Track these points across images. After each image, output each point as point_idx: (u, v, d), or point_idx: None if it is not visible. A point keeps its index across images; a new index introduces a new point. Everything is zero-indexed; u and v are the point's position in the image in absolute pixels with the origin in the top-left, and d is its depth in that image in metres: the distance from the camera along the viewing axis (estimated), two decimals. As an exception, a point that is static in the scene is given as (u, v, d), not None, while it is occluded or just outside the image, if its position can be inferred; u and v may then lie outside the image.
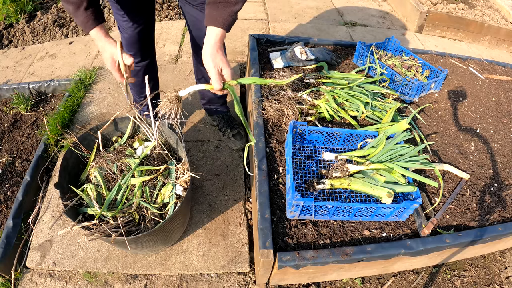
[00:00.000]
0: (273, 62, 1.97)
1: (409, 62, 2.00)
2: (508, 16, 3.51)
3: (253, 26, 3.22)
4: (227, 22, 1.12)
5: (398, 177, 1.32)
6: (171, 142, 1.54)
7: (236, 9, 1.12)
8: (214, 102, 1.96)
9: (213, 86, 1.17)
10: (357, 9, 3.74)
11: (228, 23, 1.13)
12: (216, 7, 1.11)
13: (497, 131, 1.80)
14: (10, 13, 3.24)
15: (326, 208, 1.25)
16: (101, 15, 1.18)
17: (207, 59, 1.14)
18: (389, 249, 1.22)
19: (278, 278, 1.35)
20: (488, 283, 1.58)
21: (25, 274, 1.50)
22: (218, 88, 1.16)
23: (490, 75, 2.17)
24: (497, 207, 1.45)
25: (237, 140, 1.96)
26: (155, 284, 1.49)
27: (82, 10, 1.11)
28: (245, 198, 1.77)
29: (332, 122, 1.69)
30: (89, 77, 2.43)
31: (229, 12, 1.11)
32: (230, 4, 1.10)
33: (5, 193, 1.76)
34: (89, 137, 1.47)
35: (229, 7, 1.10)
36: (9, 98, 2.35)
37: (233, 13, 1.12)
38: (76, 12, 1.12)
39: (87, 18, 1.13)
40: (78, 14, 1.12)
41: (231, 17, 1.12)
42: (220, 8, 1.11)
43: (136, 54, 1.63)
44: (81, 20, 1.13)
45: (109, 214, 1.24)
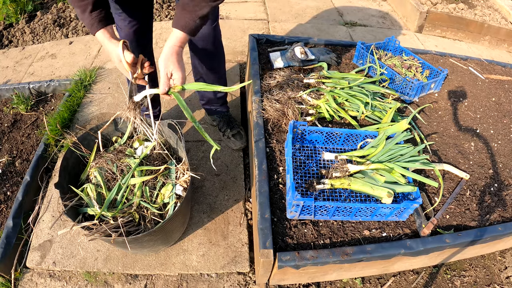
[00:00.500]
0: (273, 62, 1.97)
1: (409, 62, 2.00)
2: (508, 16, 3.51)
3: (253, 26, 3.22)
4: (189, 26, 1.10)
5: (398, 177, 1.32)
6: (171, 142, 1.54)
7: (201, 13, 1.09)
8: (214, 103, 1.96)
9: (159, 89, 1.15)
10: (357, 9, 3.73)
11: (190, 27, 1.10)
12: (182, 9, 1.09)
13: (497, 131, 1.80)
14: (10, 13, 3.24)
15: (326, 208, 1.25)
16: (108, 17, 1.17)
17: (160, 61, 1.13)
18: (389, 249, 1.22)
19: (278, 278, 1.35)
20: (488, 283, 1.58)
21: (25, 274, 1.50)
22: (161, 92, 1.15)
23: (490, 75, 2.17)
24: (497, 207, 1.45)
25: (237, 140, 1.96)
26: (155, 284, 1.49)
27: (88, 13, 1.12)
28: (245, 198, 1.77)
29: (332, 122, 1.69)
30: (89, 77, 2.43)
31: (193, 17, 1.09)
32: (195, 9, 1.08)
33: (5, 193, 1.76)
34: (89, 137, 1.47)
35: (194, 11, 1.08)
36: (9, 98, 2.35)
37: (197, 18, 1.09)
38: (82, 15, 1.13)
39: (92, 21, 1.13)
40: (85, 17, 1.13)
41: (194, 21, 1.10)
42: (185, 11, 1.09)
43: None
44: (87, 23, 1.14)
45: (109, 214, 1.24)
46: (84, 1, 1.10)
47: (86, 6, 1.11)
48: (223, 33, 1.69)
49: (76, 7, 1.13)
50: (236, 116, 2.18)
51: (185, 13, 1.09)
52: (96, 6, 1.12)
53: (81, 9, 1.11)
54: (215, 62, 1.72)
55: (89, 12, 1.11)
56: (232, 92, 2.37)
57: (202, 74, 1.77)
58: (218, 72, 1.80)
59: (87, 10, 1.11)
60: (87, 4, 1.11)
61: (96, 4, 1.12)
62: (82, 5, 1.11)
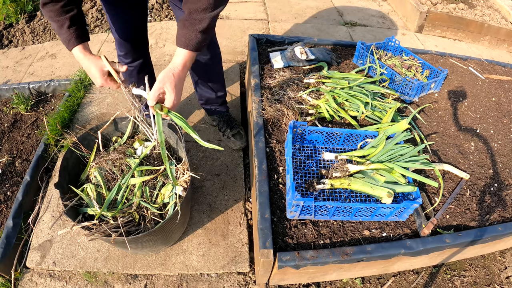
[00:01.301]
0: (273, 62, 1.97)
1: (409, 62, 2.00)
2: (508, 16, 3.51)
3: (253, 26, 3.22)
4: (192, 42, 1.07)
5: (398, 177, 1.32)
6: (171, 142, 1.54)
7: (201, 27, 1.06)
8: (213, 102, 1.96)
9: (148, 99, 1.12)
10: (357, 9, 3.73)
11: (193, 43, 1.07)
12: (182, 26, 1.07)
13: (497, 131, 1.80)
14: (10, 13, 3.24)
15: (326, 208, 1.25)
16: (85, 34, 1.16)
17: (159, 75, 1.10)
18: (389, 249, 1.22)
19: (278, 278, 1.35)
20: (488, 283, 1.58)
21: (25, 274, 1.50)
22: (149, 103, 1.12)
23: (490, 75, 2.17)
24: (497, 207, 1.45)
25: (237, 140, 1.96)
26: (155, 284, 1.49)
27: (65, 28, 1.11)
28: (245, 198, 1.77)
29: (332, 122, 1.69)
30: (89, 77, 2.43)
31: (194, 32, 1.06)
32: (194, 23, 1.05)
33: (5, 193, 1.76)
34: (89, 137, 1.47)
35: (193, 26, 1.05)
36: (9, 98, 2.35)
37: (198, 33, 1.06)
38: (60, 30, 1.12)
39: (69, 36, 1.13)
40: (62, 32, 1.12)
41: (196, 37, 1.07)
42: (185, 28, 1.07)
43: (128, 54, 1.62)
44: (64, 38, 1.13)
45: (109, 214, 1.24)
46: (62, 16, 1.10)
47: (64, 22, 1.11)
48: (223, 33, 1.69)
49: (53, 22, 1.12)
50: (236, 116, 2.18)
51: (185, 30, 1.07)
52: (73, 22, 1.12)
53: (58, 24, 1.11)
54: (211, 63, 1.72)
55: (66, 27, 1.11)
56: (232, 92, 2.37)
57: (198, 75, 1.77)
58: (215, 72, 1.80)
59: (64, 25, 1.11)
60: (64, 19, 1.10)
61: (73, 20, 1.12)
62: (59, 20, 1.10)
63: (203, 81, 1.80)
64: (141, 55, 1.70)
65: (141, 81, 1.75)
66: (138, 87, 1.64)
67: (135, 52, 1.64)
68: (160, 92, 1.09)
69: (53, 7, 1.09)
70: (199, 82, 1.82)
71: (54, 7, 1.09)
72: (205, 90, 1.87)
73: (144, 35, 1.66)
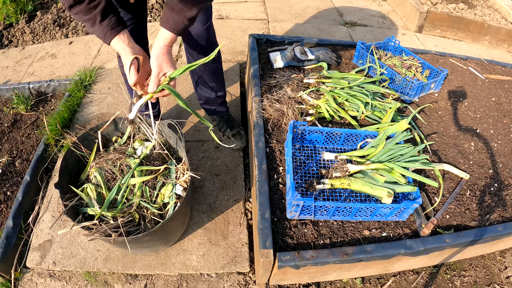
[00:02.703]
0: (273, 62, 1.97)
1: (409, 62, 2.00)
2: (508, 16, 3.51)
3: (253, 26, 3.22)
4: (178, 27, 1.11)
5: (398, 177, 1.32)
6: (171, 142, 1.54)
7: (190, 15, 1.10)
8: (213, 103, 1.96)
9: (148, 87, 1.15)
10: (357, 9, 3.73)
11: (179, 28, 1.12)
12: (171, 10, 1.10)
13: (497, 131, 1.80)
14: (10, 13, 3.24)
15: (326, 208, 1.25)
16: (120, 22, 1.13)
17: (152, 60, 1.14)
18: (389, 249, 1.22)
19: (278, 278, 1.35)
20: (488, 283, 1.58)
21: (25, 274, 1.50)
22: (151, 90, 1.15)
23: (490, 75, 2.17)
24: (497, 207, 1.45)
25: (237, 140, 1.96)
26: (155, 284, 1.49)
27: (98, 24, 1.09)
28: (245, 198, 1.77)
29: (332, 122, 1.69)
30: (89, 77, 2.43)
31: (182, 18, 1.10)
32: (184, 10, 1.09)
33: (5, 193, 1.76)
34: (89, 137, 1.47)
35: (183, 13, 1.09)
36: (9, 98, 2.35)
37: (186, 19, 1.10)
38: (93, 28, 1.10)
39: (104, 30, 1.10)
40: (95, 29, 1.10)
41: (183, 23, 1.11)
42: (174, 12, 1.09)
43: None
44: (99, 34, 1.11)
45: (109, 214, 1.24)
46: (91, 13, 1.07)
47: (95, 18, 1.08)
48: (223, 33, 1.69)
49: (84, 22, 1.09)
50: (236, 116, 2.18)
51: (174, 14, 1.10)
52: (105, 15, 1.09)
53: (90, 22, 1.08)
54: (212, 62, 1.72)
55: (99, 23, 1.08)
56: (232, 92, 2.37)
57: (198, 74, 1.77)
58: (215, 72, 1.80)
59: (96, 21, 1.08)
60: (95, 15, 1.07)
61: (105, 13, 1.09)
62: (90, 17, 1.07)
63: (203, 81, 1.80)
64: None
65: None
66: None
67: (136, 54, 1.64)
68: (159, 77, 1.15)
69: (79, 7, 1.06)
70: (199, 82, 1.82)
71: (81, 7, 1.06)
72: (204, 90, 1.87)
73: (144, 35, 1.66)
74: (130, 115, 1.21)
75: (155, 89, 1.14)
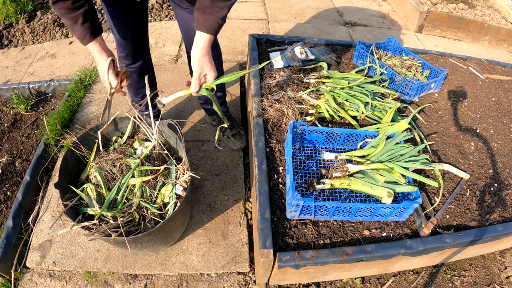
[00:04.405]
0: (273, 62, 1.97)
1: (409, 62, 2.00)
2: (508, 16, 3.51)
3: (253, 26, 3.22)
4: (213, 27, 1.17)
5: (398, 177, 1.32)
6: (171, 142, 1.54)
7: (222, 14, 1.14)
8: (211, 104, 1.96)
9: (190, 88, 1.24)
10: (357, 9, 3.73)
11: (214, 28, 1.17)
12: (203, 12, 1.14)
13: (497, 131, 1.80)
14: (10, 13, 3.24)
15: (326, 208, 1.25)
16: (98, 28, 1.20)
17: (193, 62, 1.21)
18: (389, 249, 1.22)
19: (278, 278, 1.35)
20: (488, 283, 1.58)
21: (25, 274, 1.50)
22: (193, 91, 1.23)
23: (490, 75, 2.17)
24: (497, 207, 1.45)
25: (237, 140, 1.96)
26: (155, 284, 1.49)
27: (79, 24, 1.13)
28: (245, 198, 1.77)
29: (332, 122, 1.69)
30: (89, 77, 2.43)
31: (215, 18, 1.14)
32: (216, 10, 1.13)
33: (5, 193, 1.76)
34: (89, 137, 1.47)
35: (215, 13, 1.13)
36: (9, 98, 2.35)
37: (219, 19, 1.15)
38: (73, 27, 1.14)
39: (84, 32, 1.15)
40: (76, 28, 1.14)
41: (217, 23, 1.16)
42: (207, 14, 1.14)
43: (128, 56, 1.63)
44: (78, 34, 1.16)
45: (109, 214, 1.24)
46: (74, 13, 1.11)
47: (77, 18, 1.12)
48: (223, 33, 1.69)
49: (66, 19, 1.13)
50: (236, 116, 2.18)
51: (206, 16, 1.14)
52: (86, 18, 1.14)
53: (72, 20, 1.13)
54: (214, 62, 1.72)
55: (80, 23, 1.13)
56: (232, 92, 2.37)
57: None
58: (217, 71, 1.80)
59: (78, 21, 1.13)
60: (77, 16, 1.12)
61: (86, 15, 1.14)
62: (73, 16, 1.12)
63: None
64: (142, 56, 1.70)
65: (141, 82, 1.74)
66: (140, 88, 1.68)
67: (136, 53, 1.64)
68: (201, 77, 1.23)
69: (63, 4, 1.10)
70: None
71: (65, 4, 1.10)
72: None
73: (145, 35, 1.66)
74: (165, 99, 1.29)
75: (197, 90, 1.24)
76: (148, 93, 1.42)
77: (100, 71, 1.26)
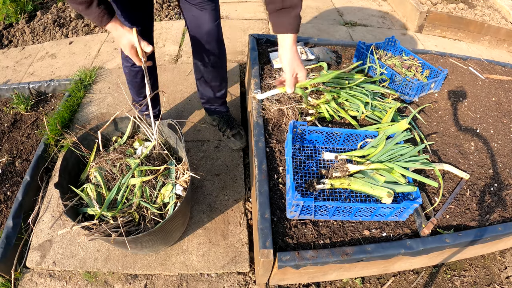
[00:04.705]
0: (273, 62, 1.97)
1: (409, 62, 2.00)
2: (508, 16, 3.51)
3: (253, 26, 3.22)
4: (293, 25, 1.20)
5: (398, 177, 1.32)
6: (171, 142, 1.54)
7: (297, 12, 1.18)
8: (213, 102, 1.96)
9: (286, 89, 1.35)
10: (357, 9, 3.74)
11: (294, 26, 1.20)
12: (278, 15, 1.19)
13: (497, 131, 1.80)
14: (10, 13, 3.24)
15: (326, 208, 1.25)
16: (112, 9, 1.23)
17: (285, 64, 1.28)
18: (389, 249, 1.22)
19: (278, 278, 1.35)
20: (488, 283, 1.58)
21: (25, 274, 1.50)
22: (290, 91, 1.35)
23: (490, 75, 2.17)
24: (497, 207, 1.45)
25: (237, 140, 1.96)
26: (155, 284, 1.49)
27: (95, 7, 1.15)
28: (245, 198, 1.77)
29: (332, 122, 1.69)
30: (89, 77, 2.43)
31: (293, 17, 1.18)
32: (290, 10, 1.17)
33: (5, 193, 1.76)
34: (89, 137, 1.47)
35: (290, 12, 1.18)
36: (9, 98, 2.35)
37: (296, 16, 1.19)
38: (88, 10, 1.16)
39: (102, 13, 1.17)
40: (91, 11, 1.16)
41: (296, 20, 1.20)
42: (282, 15, 1.19)
43: None
44: (96, 16, 1.17)
45: (109, 214, 1.24)
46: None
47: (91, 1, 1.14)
48: (223, 33, 1.69)
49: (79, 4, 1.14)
50: (236, 116, 2.18)
51: (283, 18, 1.19)
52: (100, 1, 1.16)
53: (85, 4, 1.14)
54: (217, 60, 1.72)
55: (96, 5, 1.15)
56: (232, 92, 2.37)
57: (203, 72, 1.77)
58: (220, 70, 1.80)
59: (93, 4, 1.14)
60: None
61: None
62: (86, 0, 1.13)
63: (208, 79, 1.80)
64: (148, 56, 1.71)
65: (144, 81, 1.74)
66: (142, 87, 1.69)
67: None
68: (294, 77, 1.31)
69: None
70: (203, 80, 1.81)
71: None
72: (207, 90, 1.87)
73: (150, 36, 1.66)
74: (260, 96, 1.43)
75: (293, 90, 1.35)
76: (148, 93, 1.42)
77: (126, 44, 1.26)
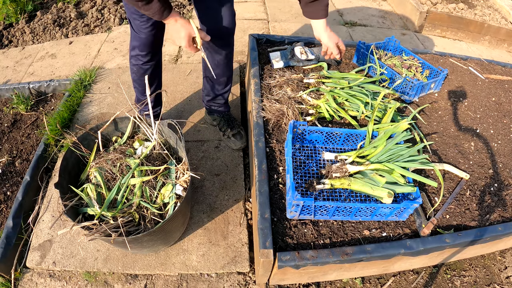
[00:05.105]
0: (273, 62, 1.97)
1: (409, 62, 2.00)
2: (508, 16, 3.51)
3: (253, 26, 3.22)
4: (325, 12, 1.55)
5: (398, 177, 1.32)
6: (171, 142, 1.54)
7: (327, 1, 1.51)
8: (218, 100, 1.96)
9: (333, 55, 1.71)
10: (357, 9, 3.74)
11: (325, 12, 1.54)
12: (312, 5, 1.51)
13: (497, 131, 1.80)
14: (10, 13, 3.25)
15: (326, 208, 1.25)
16: (169, 3, 1.26)
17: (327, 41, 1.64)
18: (389, 249, 1.22)
19: (278, 278, 1.35)
20: (488, 283, 1.58)
21: (25, 274, 1.50)
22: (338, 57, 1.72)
23: (490, 75, 2.17)
24: (497, 207, 1.45)
25: (237, 140, 1.96)
26: (155, 284, 1.49)
27: (156, 2, 1.19)
28: (245, 198, 1.77)
29: (332, 122, 1.69)
30: (89, 77, 2.43)
31: (323, 5, 1.51)
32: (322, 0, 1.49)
33: (5, 193, 1.76)
34: (89, 137, 1.47)
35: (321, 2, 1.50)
36: (9, 98, 2.35)
37: (327, 5, 1.52)
38: (148, 5, 1.19)
39: (162, 7, 1.21)
40: (151, 6, 1.19)
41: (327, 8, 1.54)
42: (316, 5, 1.51)
43: (147, 54, 1.65)
44: (156, 10, 1.21)
45: (109, 214, 1.24)
46: None
47: None
48: (223, 33, 1.69)
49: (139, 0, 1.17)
50: (236, 116, 2.18)
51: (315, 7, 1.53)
52: None
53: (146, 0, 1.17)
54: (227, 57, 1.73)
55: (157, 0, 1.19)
56: (232, 91, 2.37)
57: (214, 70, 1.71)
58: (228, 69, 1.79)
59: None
60: None
61: None
62: None
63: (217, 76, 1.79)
64: (158, 53, 1.74)
65: (150, 80, 1.76)
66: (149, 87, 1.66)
67: (155, 51, 1.69)
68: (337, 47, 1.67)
69: None
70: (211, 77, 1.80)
71: None
72: (215, 87, 1.87)
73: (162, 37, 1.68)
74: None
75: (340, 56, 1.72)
76: (148, 93, 1.43)
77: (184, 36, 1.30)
